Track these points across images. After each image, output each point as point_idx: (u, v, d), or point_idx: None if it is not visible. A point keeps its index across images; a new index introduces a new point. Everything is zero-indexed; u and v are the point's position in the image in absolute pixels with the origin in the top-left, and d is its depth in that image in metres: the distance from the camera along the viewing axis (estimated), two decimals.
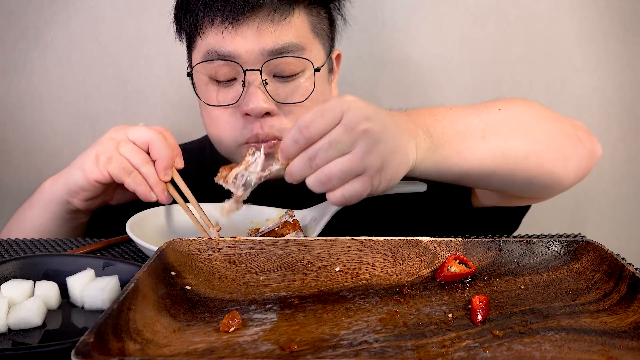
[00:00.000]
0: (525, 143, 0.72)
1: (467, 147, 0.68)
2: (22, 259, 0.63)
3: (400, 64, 1.31)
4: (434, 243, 0.59)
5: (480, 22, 1.29)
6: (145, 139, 0.76)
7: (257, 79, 0.80)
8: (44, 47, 1.35)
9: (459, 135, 0.67)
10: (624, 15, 1.27)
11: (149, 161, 0.76)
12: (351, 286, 0.55)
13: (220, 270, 0.56)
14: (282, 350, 0.43)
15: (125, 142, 0.76)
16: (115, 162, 0.75)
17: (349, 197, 0.59)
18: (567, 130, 0.77)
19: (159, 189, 0.75)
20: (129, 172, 0.75)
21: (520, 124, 0.74)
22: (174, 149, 0.78)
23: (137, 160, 0.75)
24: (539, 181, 0.74)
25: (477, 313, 0.49)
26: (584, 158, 0.77)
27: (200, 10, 0.81)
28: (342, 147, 0.58)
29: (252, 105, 0.79)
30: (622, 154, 1.32)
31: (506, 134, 0.71)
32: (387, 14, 1.29)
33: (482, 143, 0.69)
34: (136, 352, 0.41)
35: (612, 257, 0.55)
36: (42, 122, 1.39)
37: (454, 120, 0.68)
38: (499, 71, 1.31)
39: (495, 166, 0.70)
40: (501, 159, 0.70)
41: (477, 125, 0.69)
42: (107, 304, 0.55)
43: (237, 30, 0.80)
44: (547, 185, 0.76)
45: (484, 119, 0.71)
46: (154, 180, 0.75)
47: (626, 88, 1.31)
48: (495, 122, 0.71)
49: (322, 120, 0.58)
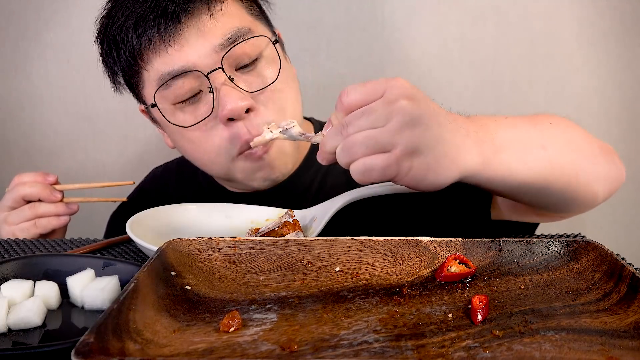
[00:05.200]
0: (578, 159, 0.69)
1: (529, 154, 0.63)
2: (22, 259, 0.63)
3: (400, 64, 1.31)
4: (434, 243, 0.59)
5: (480, 22, 1.29)
6: (19, 196, 0.85)
7: (223, 77, 0.76)
8: (44, 47, 1.35)
9: (521, 143, 0.63)
10: (624, 15, 1.27)
11: (33, 204, 0.86)
12: (351, 286, 0.55)
13: (220, 270, 0.56)
14: (282, 350, 0.43)
15: (10, 217, 0.86)
16: (21, 231, 0.86)
17: (369, 166, 0.54)
18: (605, 151, 0.75)
19: (62, 209, 0.87)
20: (37, 227, 0.86)
21: (571, 140, 0.71)
22: (38, 177, 0.87)
23: (28, 213, 0.85)
24: (582, 198, 0.71)
25: (477, 313, 0.49)
26: (616, 180, 0.76)
27: (134, 39, 0.76)
28: (375, 119, 0.53)
29: (230, 105, 0.74)
30: (622, 154, 1.32)
31: (562, 147, 0.68)
32: (387, 14, 1.29)
33: (542, 152, 0.64)
34: (136, 352, 0.41)
35: (612, 257, 0.55)
36: (42, 122, 1.39)
37: (514, 128, 0.65)
38: (499, 71, 1.32)
39: (553, 179, 0.66)
40: (558, 171, 0.66)
41: (536, 135, 0.66)
42: (107, 304, 0.55)
43: (180, 40, 0.75)
44: (587, 203, 0.73)
45: (541, 130, 0.67)
46: (54, 210, 0.86)
47: (626, 88, 1.31)
48: (551, 135, 0.68)
49: (363, 89, 0.55)
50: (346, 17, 1.30)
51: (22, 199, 0.86)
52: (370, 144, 0.53)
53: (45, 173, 0.87)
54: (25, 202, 0.86)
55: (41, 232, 0.87)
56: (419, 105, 0.54)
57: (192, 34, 0.75)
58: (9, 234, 0.86)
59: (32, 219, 0.86)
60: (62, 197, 0.87)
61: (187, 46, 0.75)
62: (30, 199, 0.86)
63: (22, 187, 0.85)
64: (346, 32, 1.31)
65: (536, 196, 0.69)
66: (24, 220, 0.86)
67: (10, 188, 0.87)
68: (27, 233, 0.86)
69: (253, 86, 0.78)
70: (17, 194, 0.85)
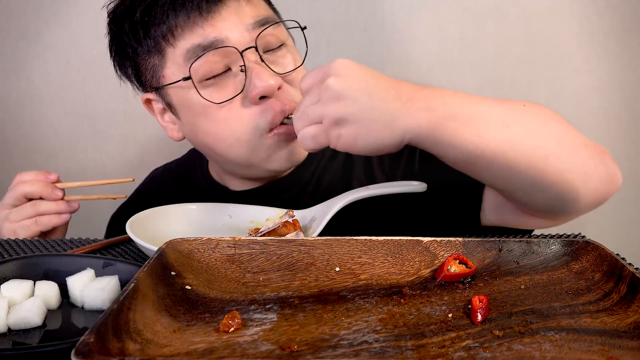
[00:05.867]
0: (547, 143, 0.68)
1: (487, 128, 0.64)
2: (22, 259, 0.63)
3: (400, 64, 1.31)
4: (434, 243, 0.59)
5: (480, 22, 1.29)
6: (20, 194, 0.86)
7: (255, 56, 0.78)
8: (44, 47, 1.35)
9: (481, 116, 0.65)
10: (624, 15, 1.27)
11: (35, 202, 0.87)
12: (351, 286, 0.55)
13: (220, 270, 0.56)
14: (282, 350, 0.43)
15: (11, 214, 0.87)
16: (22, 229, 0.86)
17: (304, 135, 0.64)
18: (590, 148, 0.72)
19: (63, 207, 0.88)
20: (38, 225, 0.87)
21: (544, 124, 0.70)
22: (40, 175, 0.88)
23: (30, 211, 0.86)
24: (556, 190, 0.68)
25: (477, 313, 0.49)
26: (604, 182, 0.72)
27: (171, 15, 0.77)
28: (311, 98, 0.63)
29: (263, 83, 0.76)
30: (622, 154, 1.32)
31: (529, 128, 0.67)
32: (387, 14, 1.29)
33: (503, 130, 0.65)
34: (136, 352, 0.41)
35: (612, 257, 0.55)
36: (42, 122, 1.39)
37: (477, 103, 0.66)
38: (499, 71, 1.31)
39: (512, 159, 0.65)
40: (520, 152, 0.65)
41: (500, 113, 0.67)
42: (107, 304, 0.55)
43: (216, 17, 0.77)
44: (565, 198, 0.70)
45: (508, 109, 0.68)
46: (55, 208, 0.87)
47: (626, 88, 1.31)
48: (518, 116, 0.68)
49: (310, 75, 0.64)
50: (346, 17, 1.30)
51: (23, 197, 0.87)
52: (304, 118, 0.64)
53: (47, 172, 0.88)
54: (27, 200, 0.87)
55: (42, 230, 0.87)
56: (346, 80, 0.61)
57: (229, 13, 0.78)
58: (10, 231, 0.87)
59: (34, 216, 0.87)
60: (63, 195, 0.88)
61: (223, 22, 0.77)
62: (32, 197, 0.87)
63: (23, 185, 0.86)
64: (346, 32, 1.31)
65: (498, 175, 0.68)
66: (26, 217, 0.86)
67: (12, 186, 0.87)
68: (28, 230, 0.87)
69: (280, 68, 0.81)
70: (19, 191, 0.86)
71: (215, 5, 0.77)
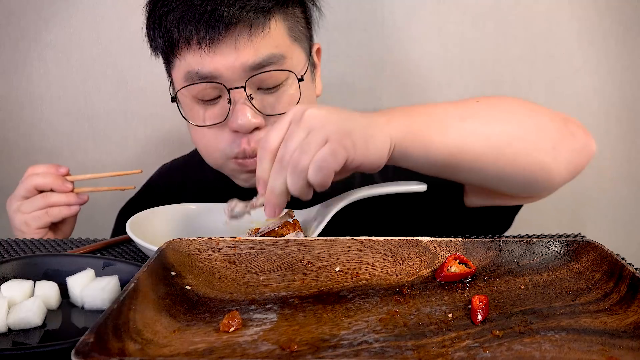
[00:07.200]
0: (508, 128, 0.71)
1: (448, 127, 0.68)
2: (22, 259, 0.63)
3: (400, 64, 1.31)
4: (434, 243, 0.59)
5: (480, 22, 1.29)
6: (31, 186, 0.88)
7: (243, 95, 0.80)
8: (44, 47, 1.35)
9: (437, 119, 0.68)
10: (624, 15, 1.27)
11: (46, 194, 0.89)
12: (351, 286, 0.55)
13: (220, 270, 0.56)
14: (282, 350, 0.43)
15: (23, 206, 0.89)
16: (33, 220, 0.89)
17: (320, 160, 0.58)
18: (556, 121, 0.75)
19: (72, 199, 0.90)
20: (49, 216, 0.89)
21: (502, 112, 0.74)
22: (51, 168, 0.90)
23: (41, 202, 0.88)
24: (528, 172, 0.72)
25: (477, 313, 0.49)
26: (576, 152, 0.75)
27: (175, 31, 0.79)
28: (298, 136, 0.60)
29: (240, 121, 0.79)
30: (622, 154, 1.32)
31: (486, 118, 0.71)
32: (387, 14, 1.29)
33: (462, 124, 0.69)
34: (136, 352, 0.41)
35: (612, 257, 0.55)
36: (42, 122, 1.39)
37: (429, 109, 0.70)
38: (499, 71, 1.32)
39: (479, 150, 0.68)
40: (484, 142, 0.69)
41: (454, 111, 0.70)
42: (107, 304, 0.55)
43: (215, 50, 0.78)
44: (537, 177, 0.73)
45: (461, 107, 0.72)
46: (65, 199, 0.89)
47: (626, 88, 1.31)
48: (473, 110, 0.72)
49: (274, 129, 0.62)
50: (346, 17, 1.30)
51: (34, 189, 0.89)
52: (308, 149, 0.59)
53: (57, 165, 0.91)
54: (38, 192, 0.89)
55: (52, 221, 0.90)
56: (321, 107, 0.62)
57: (227, 48, 0.78)
58: (22, 222, 0.89)
59: (44, 208, 0.89)
60: (73, 188, 0.91)
61: (220, 57, 0.78)
62: (43, 189, 0.89)
63: (35, 177, 0.89)
64: (346, 32, 1.31)
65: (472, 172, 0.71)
66: (37, 209, 0.89)
67: (24, 179, 0.90)
68: (40, 221, 0.89)
69: (268, 109, 0.82)
70: (30, 184, 0.88)
71: (213, 40, 0.78)
